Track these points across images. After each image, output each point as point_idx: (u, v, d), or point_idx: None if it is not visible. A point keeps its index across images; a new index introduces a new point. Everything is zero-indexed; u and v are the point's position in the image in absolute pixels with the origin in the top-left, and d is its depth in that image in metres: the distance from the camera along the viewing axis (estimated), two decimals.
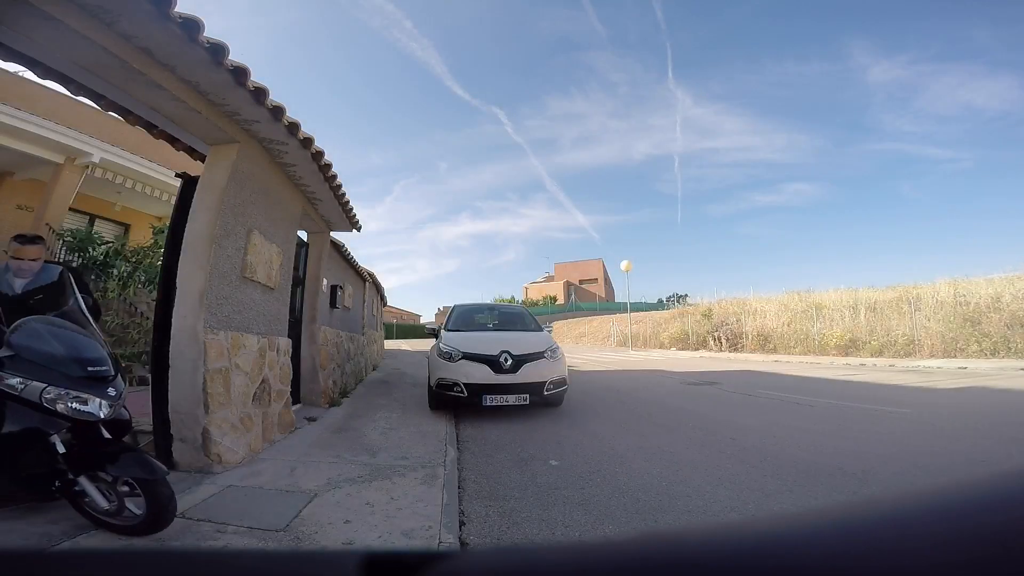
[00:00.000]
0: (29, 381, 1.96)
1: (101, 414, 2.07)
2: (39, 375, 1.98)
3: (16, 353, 2.00)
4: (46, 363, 2.02)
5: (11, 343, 2.03)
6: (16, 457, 2.00)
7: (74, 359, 2.09)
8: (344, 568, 0.30)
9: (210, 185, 3.34)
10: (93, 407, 2.05)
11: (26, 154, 8.06)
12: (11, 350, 2.01)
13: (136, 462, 2.08)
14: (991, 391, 6.66)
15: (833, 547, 0.23)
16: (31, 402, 1.95)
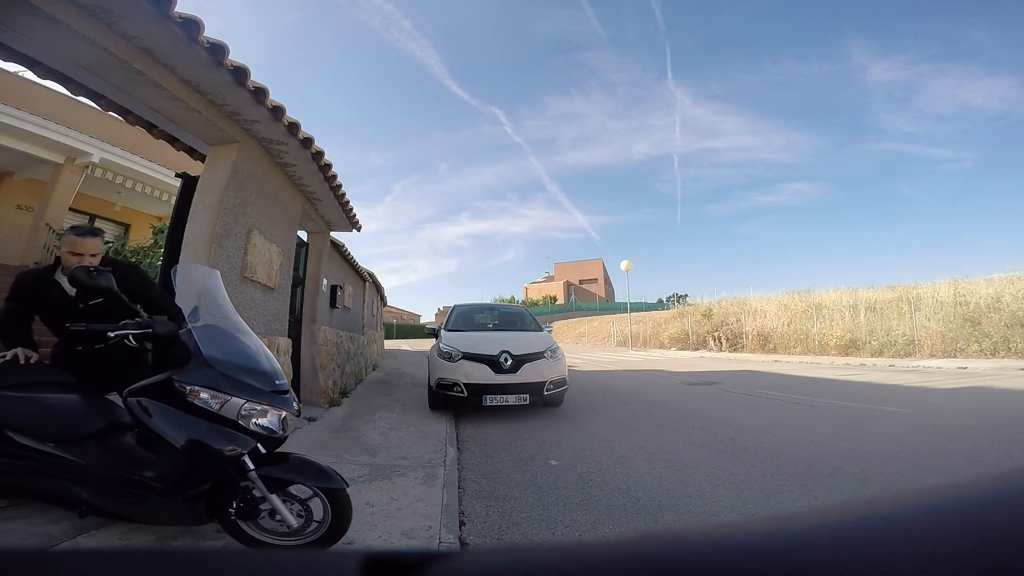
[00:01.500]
0: (228, 396, 1.83)
1: (281, 430, 1.94)
2: (235, 390, 1.85)
3: (211, 365, 1.87)
4: (240, 376, 1.89)
5: (207, 357, 1.89)
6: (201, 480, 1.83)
7: (261, 371, 1.97)
8: (344, 568, 0.30)
9: (210, 185, 3.35)
10: (274, 422, 1.92)
11: (26, 154, 8.06)
12: (204, 362, 1.87)
13: (316, 472, 1.94)
14: (991, 391, 6.66)
15: (833, 547, 0.23)
16: (226, 419, 1.82)
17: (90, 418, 1.98)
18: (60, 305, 2.27)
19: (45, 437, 1.89)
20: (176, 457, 1.81)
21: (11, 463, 1.87)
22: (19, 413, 1.90)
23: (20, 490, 1.94)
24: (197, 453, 1.77)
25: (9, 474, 1.88)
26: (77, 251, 2.24)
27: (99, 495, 1.86)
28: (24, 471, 1.87)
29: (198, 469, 1.81)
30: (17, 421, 1.89)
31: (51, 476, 1.87)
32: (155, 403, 1.84)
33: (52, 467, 1.87)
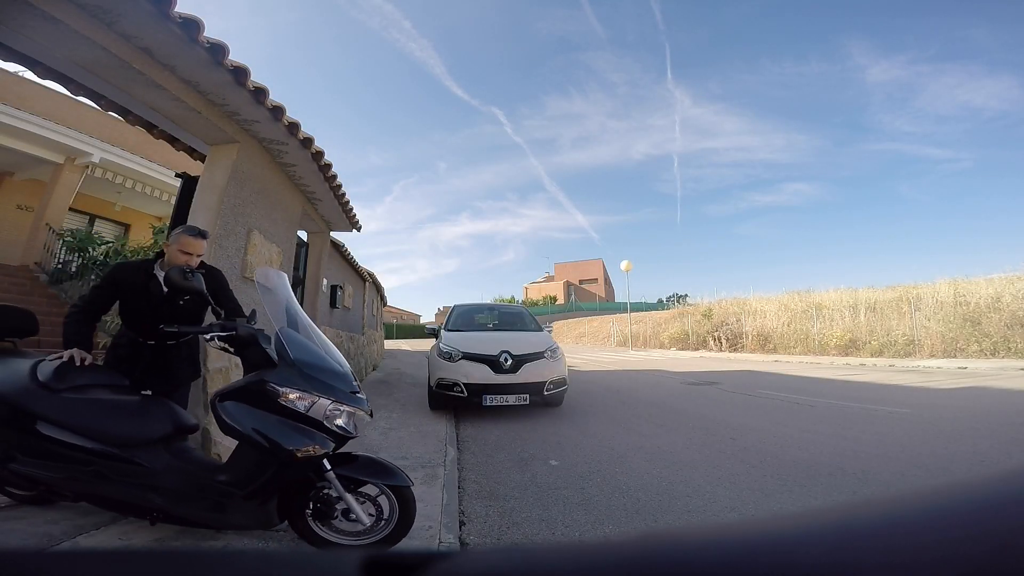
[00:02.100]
0: (317, 398, 1.86)
1: (354, 430, 1.95)
2: (321, 391, 1.88)
3: (299, 368, 1.89)
4: (323, 378, 1.92)
5: (295, 359, 1.91)
6: (283, 482, 1.85)
7: (340, 373, 2.00)
8: (344, 568, 0.30)
9: (210, 185, 3.35)
10: (350, 422, 1.93)
11: (26, 154, 8.06)
12: (292, 365, 1.89)
13: (383, 470, 1.98)
14: (991, 391, 6.66)
15: (833, 547, 0.23)
16: (312, 420, 1.84)
17: (158, 422, 1.93)
18: (153, 300, 2.29)
19: (113, 442, 1.84)
20: (260, 460, 1.81)
21: (78, 468, 1.81)
22: (85, 416, 1.85)
23: (89, 496, 1.88)
24: (287, 455, 1.78)
25: (77, 480, 1.83)
26: (187, 250, 2.27)
27: (174, 501, 1.83)
28: (92, 477, 1.82)
29: (282, 471, 1.82)
30: (83, 425, 1.83)
31: (120, 482, 1.82)
32: (243, 405, 1.85)
33: (120, 473, 1.82)
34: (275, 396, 1.82)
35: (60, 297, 7.77)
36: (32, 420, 1.81)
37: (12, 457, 1.83)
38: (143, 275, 2.29)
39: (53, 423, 1.81)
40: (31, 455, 1.82)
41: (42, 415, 1.81)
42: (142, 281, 2.28)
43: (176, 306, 2.32)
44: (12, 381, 1.88)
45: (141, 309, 2.29)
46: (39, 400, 1.83)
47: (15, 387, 1.85)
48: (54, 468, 1.82)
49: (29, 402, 1.83)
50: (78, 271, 8.08)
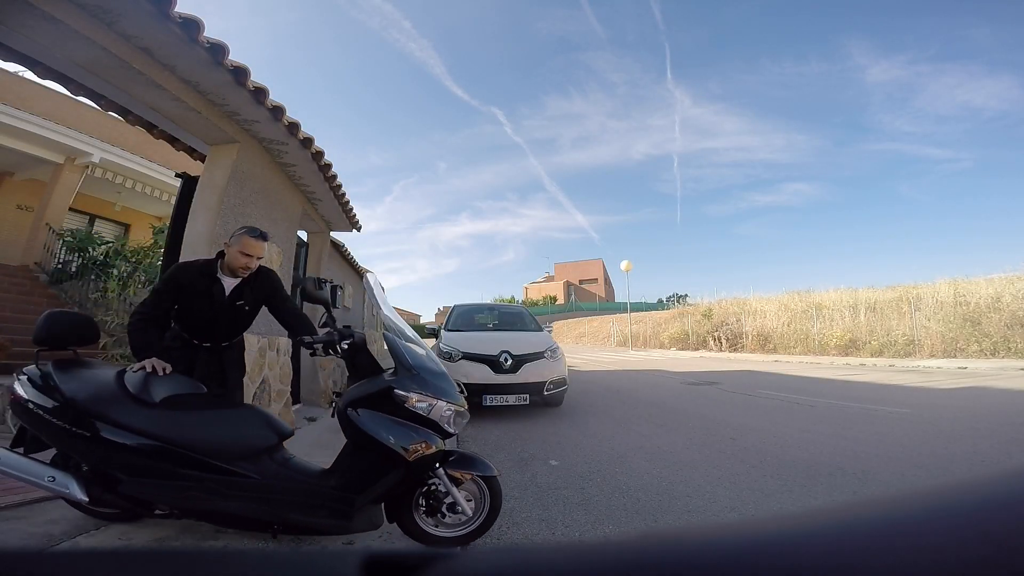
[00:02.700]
0: (436, 400, 1.94)
1: (455, 428, 2.02)
2: (437, 393, 1.96)
3: (416, 372, 1.98)
4: (433, 380, 2.00)
5: (412, 364, 1.99)
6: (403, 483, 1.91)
7: (443, 373, 2.08)
8: (344, 568, 0.30)
9: (210, 185, 3.35)
10: (455, 421, 2.01)
11: (26, 154, 8.06)
12: (410, 369, 1.98)
13: (477, 463, 2.07)
14: (991, 391, 6.66)
15: (833, 547, 0.23)
16: (431, 421, 1.93)
17: (261, 431, 1.90)
18: (216, 304, 2.24)
19: (222, 455, 1.80)
20: (377, 462, 1.86)
21: (190, 485, 1.76)
22: (191, 431, 1.80)
23: (201, 513, 1.82)
24: (416, 457, 1.85)
25: (190, 498, 1.77)
26: (249, 252, 2.22)
27: (290, 511, 1.81)
28: (205, 493, 1.76)
29: (407, 473, 1.88)
30: (191, 440, 1.78)
31: (235, 497, 1.78)
32: (376, 413, 1.90)
33: (233, 487, 1.79)
34: (402, 402, 1.90)
35: (60, 297, 7.77)
36: (137, 438, 1.74)
37: (118, 480, 1.75)
38: (207, 279, 2.24)
39: (159, 440, 1.75)
40: (138, 475, 1.75)
41: (147, 432, 1.74)
42: (205, 285, 2.23)
43: (235, 309, 2.30)
44: (108, 398, 1.79)
45: (202, 312, 2.25)
46: (140, 417, 1.76)
47: (113, 404, 1.78)
48: (165, 488, 1.76)
49: (131, 419, 1.75)
50: (78, 271, 8.08)
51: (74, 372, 1.88)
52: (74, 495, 1.73)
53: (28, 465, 1.77)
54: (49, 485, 1.73)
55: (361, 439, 1.87)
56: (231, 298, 2.27)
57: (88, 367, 1.97)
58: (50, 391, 1.79)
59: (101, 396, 1.80)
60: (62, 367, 1.87)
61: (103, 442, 1.72)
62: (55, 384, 1.79)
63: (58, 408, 1.76)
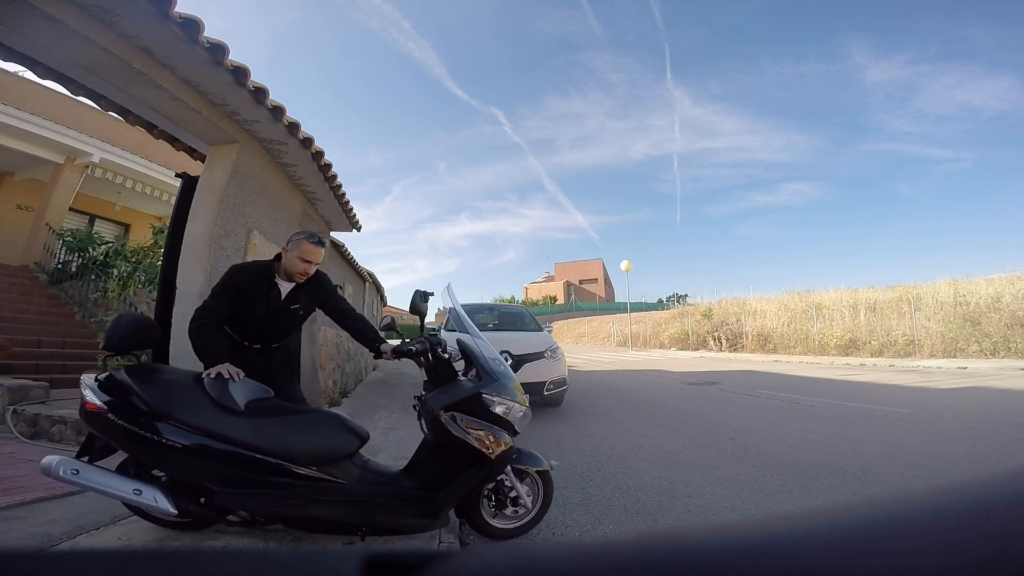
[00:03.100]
0: (513, 403, 2.09)
1: (521, 428, 2.13)
2: (511, 396, 2.10)
3: (496, 378, 2.12)
4: (509, 384, 2.14)
5: (492, 370, 2.14)
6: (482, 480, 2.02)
7: (513, 377, 2.21)
8: (344, 568, 0.30)
9: (210, 185, 3.35)
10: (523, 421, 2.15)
11: (26, 154, 8.07)
12: (491, 375, 2.12)
13: (534, 458, 2.23)
14: (991, 391, 6.66)
15: (833, 547, 0.23)
16: (507, 422, 2.06)
17: (343, 435, 1.90)
18: (272, 307, 2.27)
19: (310, 461, 1.80)
20: (459, 462, 1.96)
21: (282, 493, 1.76)
22: (280, 438, 1.78)
23: (291, 520, 1.83)
24: (499, 454, 1.98)
25: (282, 505, 1.76)
26: (308, 258, 2.23)
27: (376, 513, 1.85)
28: (296, 500, 1.76)
29: (491, 471, 2.00)
30: (281, 448, 1.76)
31: (324, 502, 1.79)
32: (467, 417, 1.99)
33: (322, 492, 1.80)
34: (489, 405, 2.02)
35: (60, 297, 7.77)
36: (229, 447, 1.71)
37: (211, 492, 1.72)
38: (266, 283, 2.25)
39: (251, 448, 1.72)
40: (230, 484, 1.73)
41: (238, 441, 1.72)
42: (264, 288, 2.25)
43: (290, 313, 2.33)
44: (196, 407, 1.75)
45: (257, 315, 2.26)
46: (230, 425, 1.74)
47: (202, 413, 1.74)
48: (259, 497, 1.75)
49: (222, 428, 1.72)
50: (78, 271, 8.08)
51: (152, 379, 1.81)
52: (163, 508, 1.69)
53: (112, 479, 1.72)
54: (136, 498, 1.69)
55: (451, 441, 1.95)
56: (287, 302, 2.30)
57: (161, 373, 1.93)
58: (132, 399, 1.71)
59: (189, 405, 1.76)
60: (138, 374, 1.80)
61: (196, 452, 1.68)
62: (138, 392, 1.72)
63: (145, 418, 1.69)
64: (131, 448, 1.74)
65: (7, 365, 5.02)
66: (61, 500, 2.32)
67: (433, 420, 1.99)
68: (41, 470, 1.68)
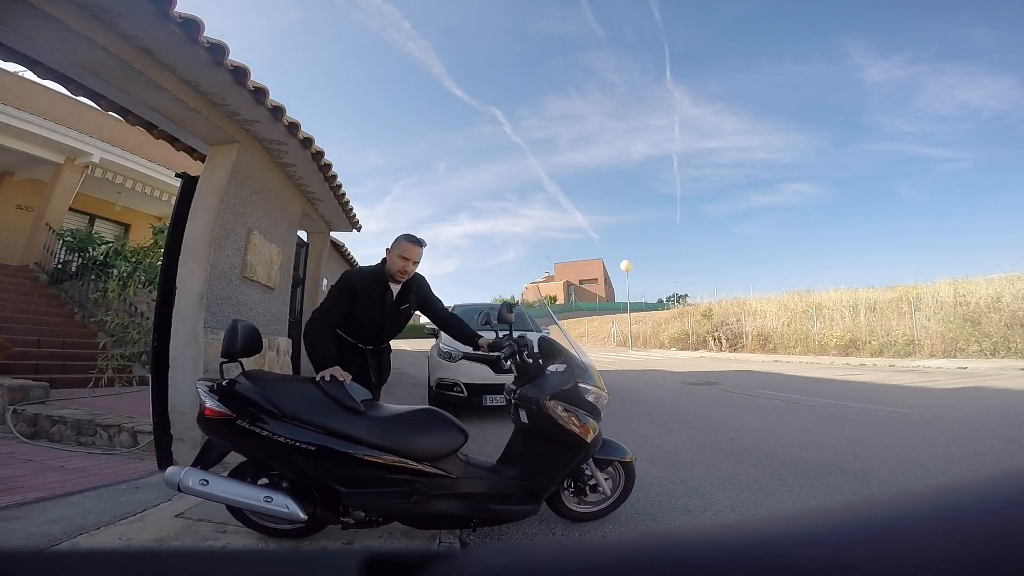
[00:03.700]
0: (602, 391, 2.29)
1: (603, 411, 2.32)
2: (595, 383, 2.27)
3: (587, 368, 2.29)
4: (594, 374, 2.30)
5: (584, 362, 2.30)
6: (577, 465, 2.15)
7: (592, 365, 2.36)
8: (344, 568, 0.30)
9: (210, 185, 3.34)
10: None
11: (26, 154, 8.07)
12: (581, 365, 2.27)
13: (617, 447, 2.40)
14: (991, 391, 6.66)
15: (833, 547, 0.23)
16: (596, 409, 2.23)
17: (450, 431, 1.95)
18: (386, 309, 2.38)
19: (424, 457, 1.86)
20: (557, 450, 2.07)
21: (400, 490, 1.83)
22: (398, 436, 1.84)
23: (413, 518, 1.90)
24: (593, 440, 2.13)
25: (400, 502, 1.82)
26: (407, 256, 2.34)
27: (486, 503, 1.93)
28: (413, 496, 1.83)
29: (585, 456, 2.13)
30: (400, 445, 1.82)
31: (439, 497, 1.87)
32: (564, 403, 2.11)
33: (436, 487, 1.87)
34: (584, 394, 2.17)
35: (60, 297, 7.78)
36: (357, 448, 1.76)
37: (335, 494, 1.78)
38: (380, 285, 2.36)
39: (375, 447, 1.78)
40: (357, 485, 1.78)
41: (364, 441, 1.78)
42: (379, 291, 2.35)
43: (400, 313, 2.45)
44: (324, 410, 1.80)
45: (373, 317, 2.37)
46: (357, 426, 1.79)
47: (331, 416, 1.79)
48: (381, 495, 1.81)
49: (351, 430, 1.78)
50: (78, 271, 8.08)
51: (274, 384, 1.84)
52: (293, 514, 1.71)
53: (242, 488, 1.75)
54: (266, 506, 1.70)
55: (552, 428, 2.06)
56: (397, 302, 2.41)
57: (277, 378, 1.98)
58: (261, 404, 1.74)
59: (317, 408, 1.80)
60: (257, 380, 1.82)
61: (326, 454, 1.73)
62: (266, 397, 1.75)
63: (277, 422, 1.73)
64: (261, 454, 1.78)
65: (7, 365, 5.02)
66: (61, 500, 2.32)
67: (537, 410, 2.08)
68: (166, 483, 1.72)
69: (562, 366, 2.26)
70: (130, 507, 2.26)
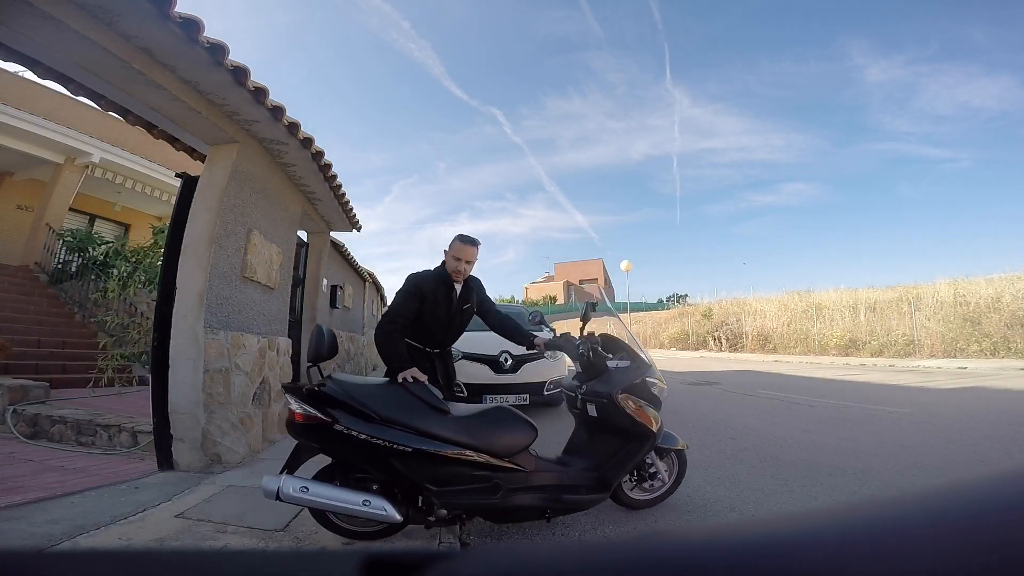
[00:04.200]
0: (664, 385, 2.42)
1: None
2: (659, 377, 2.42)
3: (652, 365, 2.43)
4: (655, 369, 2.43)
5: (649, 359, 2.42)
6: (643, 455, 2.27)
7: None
8: (344, 568, 0.30)
9: (210, 185, 3.34)
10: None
11: (26, 154, 8.06)
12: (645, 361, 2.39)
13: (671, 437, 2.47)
14: (991, 391, 6.66)
15: (833, 547, 0.23)
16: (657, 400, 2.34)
17: (522, 427, 2.01)
18: (451, 310, 2.42)
19: (503, 453, 1.92)
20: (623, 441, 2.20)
21: (483, 486, 1.88)
22: (481, 434, 1.90)
23: (494, 513, 1.96)
24: (658, 430, 2.26)
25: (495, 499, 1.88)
26: (460, 256, 2.37)
27: (564, 493, 2.03)
28: (496, 491, 1.89)
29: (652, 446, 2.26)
30: (485, 443, 1.88)
31: (517, 490, 1.94)
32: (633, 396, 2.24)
33: (514, 481, 1.93)
34: (651, 387, 2.31)
35: (60, 297, 7.77)
36: (446, 446, 1.82)
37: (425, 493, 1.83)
38: (445, 286, 2.39)
39: (463, 445, 1.85)
40: (447, 483, 1.84)
41: (453, 440, 1.84)
42: (444, 292, 2.38)
43: (463, 313, 2.49)
44: (418, 411, 1.86)
45: (439, 318, 2.40)
46: (446, 426, 1.85)
47: (423, 417, 1.84)
48: (470, 492, 1.87)
49: (442, 430, 1.84)
50: (78, 271, 8.08)
51: (363, 388, 1.89)
52: (391, 516, 1.76)
53: (340, 493, 1.78)
54: (365, 509, 1.75)
55: (621, 419, 2.18)
56: (460, 302, 2.44)
57: (362, 382, 2.00)
58: (358, 409, 1.78)
59: (410, 409, 1.85)
60: (346, 384, 1.86)
61: (422, 455, 1.78)
62: (361, 401, 1.80)
63: (374, 425, 1.77)
64: (356, 457, 1.82)
65: (7, 365, 5.02)
66: (61, 500, 2.32)
67: (609, 403, 2.19)
68: (264, 493, 1.75)
69: (624, 361, 2.36)
70: (130, 507, 2.26)
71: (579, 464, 2.17)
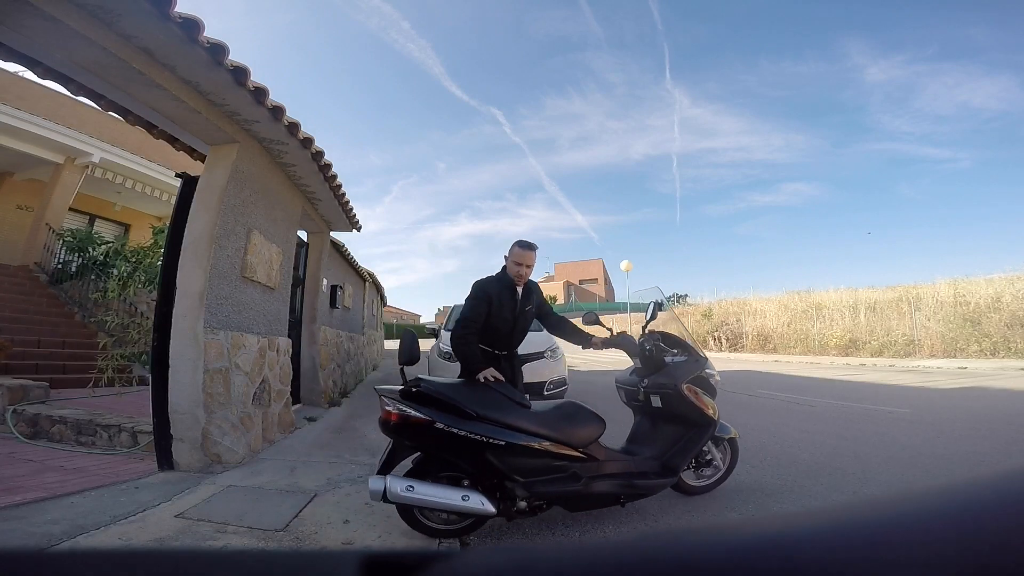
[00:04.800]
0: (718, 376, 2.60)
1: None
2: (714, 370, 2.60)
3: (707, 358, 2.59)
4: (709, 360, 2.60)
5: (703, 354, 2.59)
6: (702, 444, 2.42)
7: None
8: (344, 568, 0.30)
9: (210, 185, 3.34)
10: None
11: (26, 154, 8.07)
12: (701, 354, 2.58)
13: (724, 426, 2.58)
14: (991, 391, 6.66)
15: (833, 547, 0.23)
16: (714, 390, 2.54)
17: (592, 420, 2.17)
18: (516, 313, 2.53)
19: (578, 443, 2.07)
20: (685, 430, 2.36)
21: (563, 476, 2.03)
22: (560, 426, 2.04)
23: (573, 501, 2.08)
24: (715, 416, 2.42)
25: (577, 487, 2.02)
26: (519, 261, 2.50)
27: (635, 479, 2.17)
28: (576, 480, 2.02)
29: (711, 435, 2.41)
30: (564, 435, 2.02)
31: (593, 479, 2.08)
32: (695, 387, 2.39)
33: (590, 471, 2.08)
34: (709, 378, 2.48)
35: (60, 297, 7.78)
36: (533, 439, 1.95)
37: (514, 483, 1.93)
38: (509, 290, 2.50)
39: (546, 438, 1.98)
40: (534, 474, 1.97)
41: (538, 433, 1.97)
42: (509, 295, 2.49)
43: (526, 315, 2.60)
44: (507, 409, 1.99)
45: (506, 321, 2.51)
46: (530, 420, 1.99)
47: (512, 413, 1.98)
48: (555, 482, 2.01)
49: (525, 423, 1.97)
50: (78, 271, 8.08)
51: (453, 387, 2.03)
52: (487, 510, 1.88)
53: (442, 490, 1.89)
54: (463, 504, 1.86)
55: (685, 409, 2.33)
56: (522, 304, 2.55)
57: (451, 382, 2.16)
58: (455, 407, 1.91)
59: (499, 406, 1.99)
60: (435, 384, 2.00)
61: (513, 448, 1.91)
62: (456, 400, 1.92)
63: (470, 422, 1.89)
64: (454, 452, 1.93)
65: (7, 365, 5.02)
66: (61, 500, 2.32)
67: (674, 394, 2.34)
68: (371, 495, 1.85)
69: (681, 356, 2.51)
70: (130, 507, 2.26)
71: (645, 452, 2.33)
